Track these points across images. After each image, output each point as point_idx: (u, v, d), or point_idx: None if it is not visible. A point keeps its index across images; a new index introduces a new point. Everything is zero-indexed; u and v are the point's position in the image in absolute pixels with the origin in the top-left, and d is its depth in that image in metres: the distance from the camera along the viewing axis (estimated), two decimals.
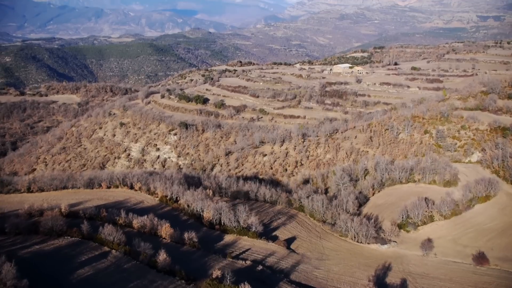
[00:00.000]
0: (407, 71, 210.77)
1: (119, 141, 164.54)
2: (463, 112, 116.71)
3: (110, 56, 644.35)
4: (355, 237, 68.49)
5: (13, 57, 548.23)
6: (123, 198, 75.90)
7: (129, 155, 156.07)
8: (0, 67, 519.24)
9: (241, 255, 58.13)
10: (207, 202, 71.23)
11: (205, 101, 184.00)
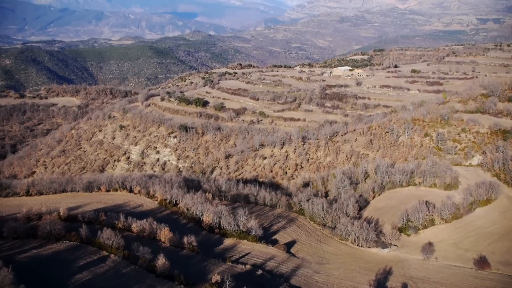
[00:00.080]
0: (407, 74, 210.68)
1: (118, 144, 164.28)
2: (464, 115, 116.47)
3: (110, 58, 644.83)
4: (355, 241, 68.04)
5: (13, 59, 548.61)
6: (122, 201, 75.53)
7: (128, 158, 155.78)
8: (0, 70, 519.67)
9: (240, 259, 57.68)
10: (206, 206, 70.81)
11: (205, 103, 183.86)
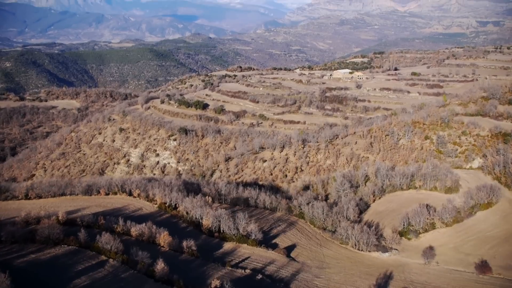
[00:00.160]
0: (407, 77, 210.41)
1: (118, 146, 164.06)
2: (464, 118, 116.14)
3: (110, 61, 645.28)
4: (356, 244, 67.60)
5: (13, 62, 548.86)
6: (122, 205, 75.15)
7: (128, 160, 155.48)
8: (1, 72, 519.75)
9: (240, 263, 57.30)
10: (206, 209, 70.44)
11: (204, 106, 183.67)
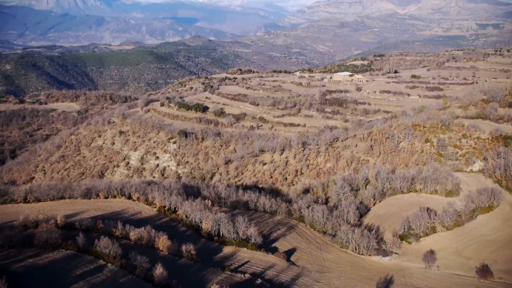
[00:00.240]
0: (407, 79, 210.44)
1: (118, 149, 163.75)
2: (464, 121, 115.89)
3: (110, 63, 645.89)
4: (356, 248, 67.17)
5: (13, 65, 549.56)
6: (121, 208, 74.73)
7: (128, 163, 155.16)
8: (1, 75, 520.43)
9: (240, 268, 56.86)
10: (205, 213, 70.04)
11: (204, 109, 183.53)
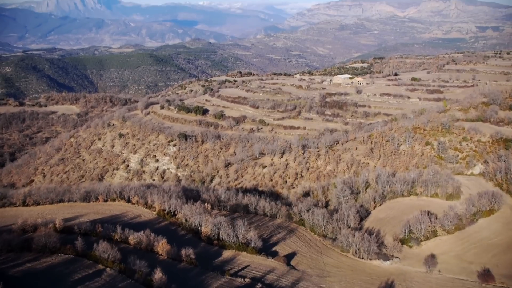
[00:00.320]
0: (407, 82, 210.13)
1: (118, 152, 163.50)
2: (464, 123, 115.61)
3: (110, 66, 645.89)
4: (356, 252, 66.77)
5: (13, 67, 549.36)
6: (120, 212, 74.43)
7: (127, 166, 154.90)
8: (1, 78, 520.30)
9: (239, 272, 56.49)
10: (205, 216, 69.70)
11: (204, 112, 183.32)
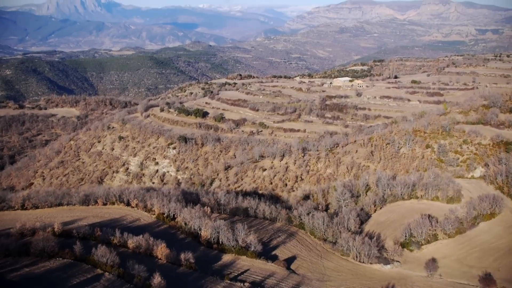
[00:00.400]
0: (407, 85, 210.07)
1: (117, 155, 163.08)
2: (465, 126, 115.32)
3: (110, 69, 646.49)
4: (357, 256, 66.34)
5: (13, 70, 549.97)
6: (119, 215, 74.03)
7: (127, 169, 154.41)
8: (1, 80, 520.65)
9: (239, 276, 56.07)
10: (204, 220, 69.29)
11: (204, 114, 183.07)
